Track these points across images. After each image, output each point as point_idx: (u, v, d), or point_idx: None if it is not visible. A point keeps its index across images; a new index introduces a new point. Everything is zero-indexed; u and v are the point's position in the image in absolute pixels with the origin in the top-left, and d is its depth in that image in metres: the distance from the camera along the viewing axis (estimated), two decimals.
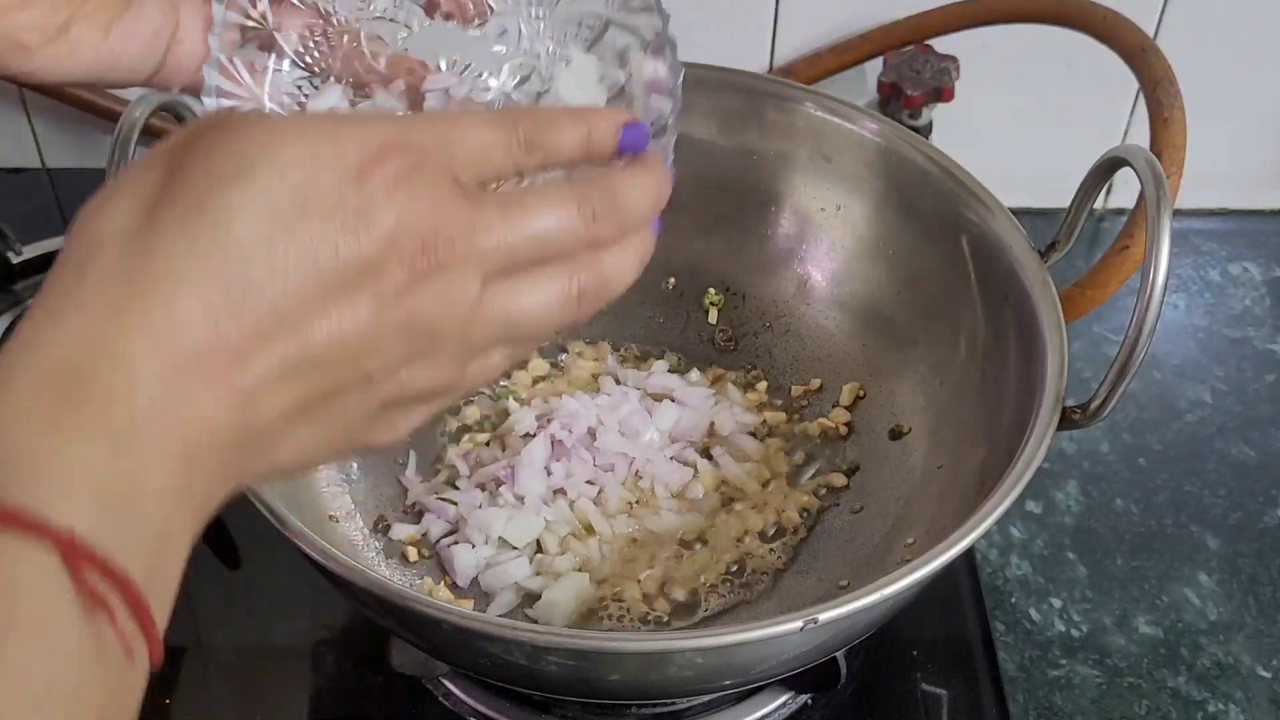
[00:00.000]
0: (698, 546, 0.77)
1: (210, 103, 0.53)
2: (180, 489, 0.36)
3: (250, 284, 0.36)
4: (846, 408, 0.83)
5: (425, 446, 0.81)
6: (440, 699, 0.72)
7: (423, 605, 0.57)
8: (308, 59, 0.55)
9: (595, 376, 0.85)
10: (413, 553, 0.76)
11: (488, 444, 0.81)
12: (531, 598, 0.74)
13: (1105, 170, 0.67)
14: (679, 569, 0.76)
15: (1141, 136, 0.81)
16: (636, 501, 0.79)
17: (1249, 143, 1.04)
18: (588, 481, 0.79)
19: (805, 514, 0.79)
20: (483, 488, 0.78)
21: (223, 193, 0.37)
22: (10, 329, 0.88)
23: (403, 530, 0.77)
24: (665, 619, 0.74)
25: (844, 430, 0.82)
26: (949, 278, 0.77)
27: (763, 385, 0.85)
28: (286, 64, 0.55)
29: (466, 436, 0.82)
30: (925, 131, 0.97)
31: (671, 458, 0.81)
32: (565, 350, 0.87)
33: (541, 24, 0.55)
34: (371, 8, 0.56)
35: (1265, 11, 0.97)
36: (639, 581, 0.75)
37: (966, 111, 0.97)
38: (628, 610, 0.74)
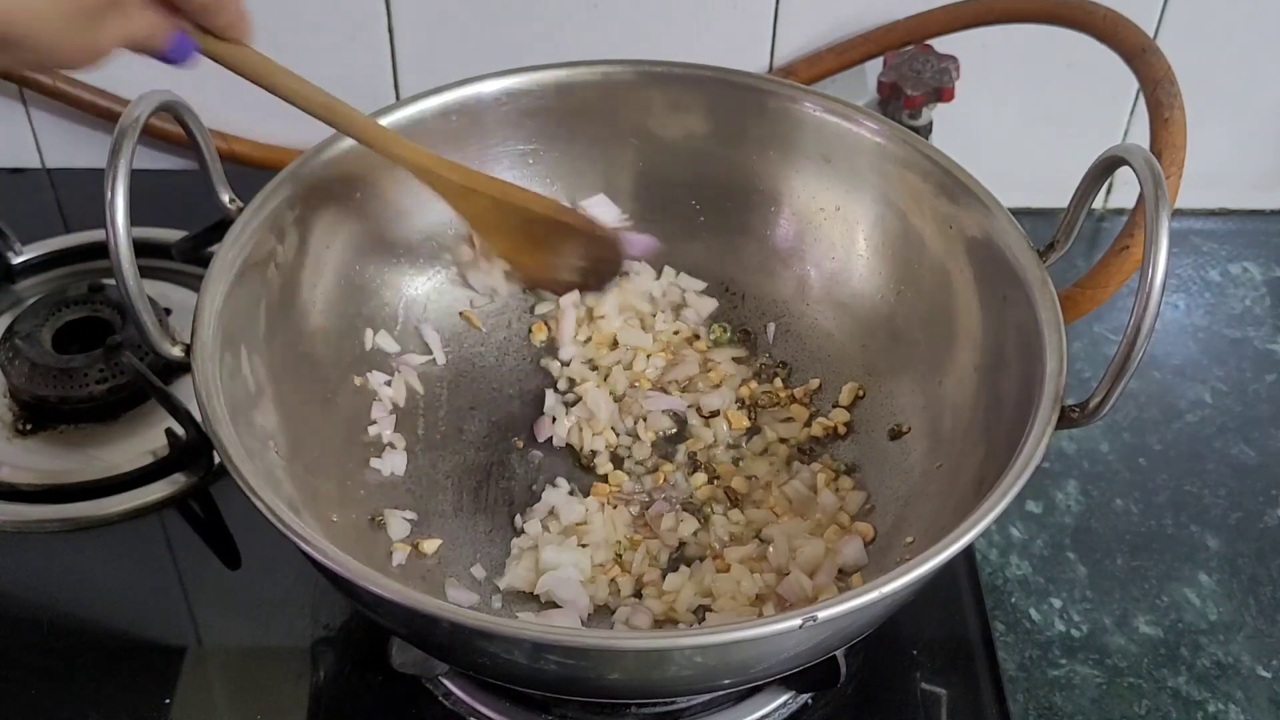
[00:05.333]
0: (696, 547, 0.77)
1: None
2: None
3: None
4: (846, 407, 0.83)
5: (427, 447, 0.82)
6: (440, 699, 0.72)
7: (422, 605, 0.57)
8: None
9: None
10: (411, 552, 0.76)
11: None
12: (532, 599, 0.74)
13: (1104, 170, 0.67)
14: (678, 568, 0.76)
15: (1141, 136, 0.81)
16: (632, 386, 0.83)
17: (1249, 143, 1.04)
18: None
19: (804, 513, 0.79)
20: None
21: None
22: (10, 328, 0.88)
23: (401, 530, 0.77)
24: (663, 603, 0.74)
25: (844, 430, 0.82)
26: (949, 278, 0.77)
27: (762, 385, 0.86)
28: None
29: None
30: (925, 131, 0.97)
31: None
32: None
33: None
34: None
35: (1265, 11, 0.97)
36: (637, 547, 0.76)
37: (966, 111, 0.97)
38: (630, 580, 0.75)
